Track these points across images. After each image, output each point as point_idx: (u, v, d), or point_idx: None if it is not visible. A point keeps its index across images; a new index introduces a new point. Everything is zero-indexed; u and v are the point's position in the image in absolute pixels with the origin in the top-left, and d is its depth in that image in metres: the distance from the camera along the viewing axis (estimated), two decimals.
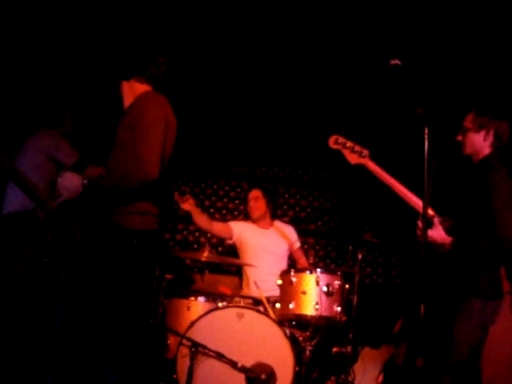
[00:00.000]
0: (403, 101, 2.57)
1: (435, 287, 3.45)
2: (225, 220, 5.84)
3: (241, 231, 5.04)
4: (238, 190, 5.95)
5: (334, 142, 3.43)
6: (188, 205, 4.69)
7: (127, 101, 3.16)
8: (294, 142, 6.01)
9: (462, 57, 5.02)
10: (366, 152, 3.36)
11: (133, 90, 3.16)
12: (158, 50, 3.25)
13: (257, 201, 5.07)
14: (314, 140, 5.85)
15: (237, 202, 5.94)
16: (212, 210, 5.91)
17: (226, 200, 5.94)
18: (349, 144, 3.38)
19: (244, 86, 5.84)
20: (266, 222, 5.13)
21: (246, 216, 5.20)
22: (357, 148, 3.36)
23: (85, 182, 2.89)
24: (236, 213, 5.91)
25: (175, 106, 3.21)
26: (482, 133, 3.31)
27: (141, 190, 2.93)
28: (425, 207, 2.47)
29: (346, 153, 3.39)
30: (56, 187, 2.90)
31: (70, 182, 2.88)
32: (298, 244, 5.13)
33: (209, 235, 5.82)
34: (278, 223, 5.21)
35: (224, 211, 5.92)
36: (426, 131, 2.52)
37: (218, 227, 5.05)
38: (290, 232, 5.11)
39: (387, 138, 5.62)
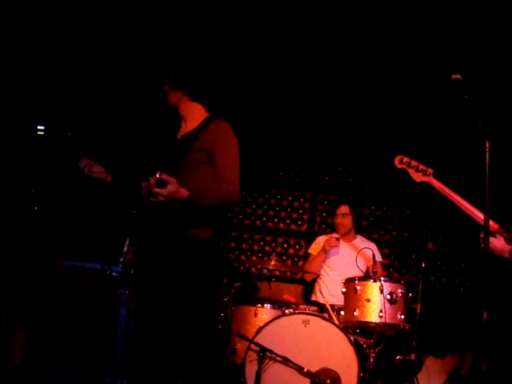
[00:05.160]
0: (464, 115, 2.64)
1: (497, 294, 3.49)
2: (289, 230, 5.99)
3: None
4: (302, 199, 6.07)
5: (399, 161, 3.56)
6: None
7: (191, 121, 3.25)
8: (356, 153, 6.08)
9: None
10: (430, 170, 3.47)
11: (192, 108, 3.26)
12: (218, 67, 3.32)
13: (344, 217, 5.14)
14: (375, 150, 5.93)
15: (300, 211, 6.05)
16: (276, 220, 6.04)
17: (289, 210, 6.06)
18: (413, 163, 3.50)
19: (306, 99, 5.97)
20: (350, 235, 5.20)
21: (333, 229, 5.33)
22: (421, 167, 3.48)
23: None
24: (300, 222, 6.01)
25: (239, 119, 3.30)
26: None
27: None
28: (486, 218, 2.54)
29: (411, 172, 3.51)
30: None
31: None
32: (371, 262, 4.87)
33: (273, 244, 5.99)
34: (359, 239, 5.25)
35: (288, 221, 6.03)
36: (488, 145, 2.59)
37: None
38: (369, 250, 4.85)
39: (448, 151, 5.62)
